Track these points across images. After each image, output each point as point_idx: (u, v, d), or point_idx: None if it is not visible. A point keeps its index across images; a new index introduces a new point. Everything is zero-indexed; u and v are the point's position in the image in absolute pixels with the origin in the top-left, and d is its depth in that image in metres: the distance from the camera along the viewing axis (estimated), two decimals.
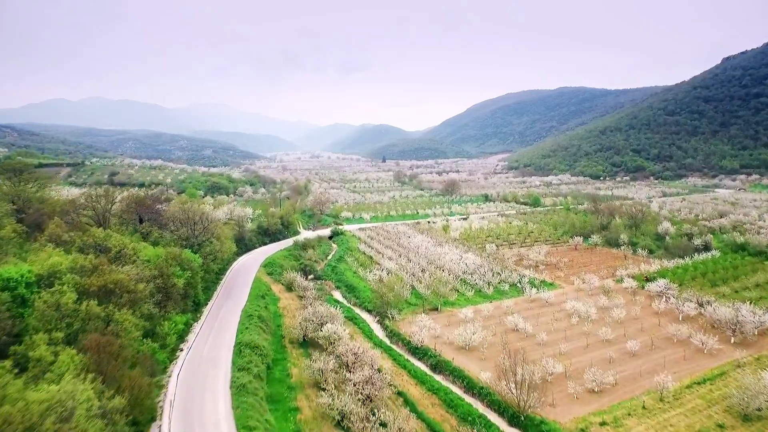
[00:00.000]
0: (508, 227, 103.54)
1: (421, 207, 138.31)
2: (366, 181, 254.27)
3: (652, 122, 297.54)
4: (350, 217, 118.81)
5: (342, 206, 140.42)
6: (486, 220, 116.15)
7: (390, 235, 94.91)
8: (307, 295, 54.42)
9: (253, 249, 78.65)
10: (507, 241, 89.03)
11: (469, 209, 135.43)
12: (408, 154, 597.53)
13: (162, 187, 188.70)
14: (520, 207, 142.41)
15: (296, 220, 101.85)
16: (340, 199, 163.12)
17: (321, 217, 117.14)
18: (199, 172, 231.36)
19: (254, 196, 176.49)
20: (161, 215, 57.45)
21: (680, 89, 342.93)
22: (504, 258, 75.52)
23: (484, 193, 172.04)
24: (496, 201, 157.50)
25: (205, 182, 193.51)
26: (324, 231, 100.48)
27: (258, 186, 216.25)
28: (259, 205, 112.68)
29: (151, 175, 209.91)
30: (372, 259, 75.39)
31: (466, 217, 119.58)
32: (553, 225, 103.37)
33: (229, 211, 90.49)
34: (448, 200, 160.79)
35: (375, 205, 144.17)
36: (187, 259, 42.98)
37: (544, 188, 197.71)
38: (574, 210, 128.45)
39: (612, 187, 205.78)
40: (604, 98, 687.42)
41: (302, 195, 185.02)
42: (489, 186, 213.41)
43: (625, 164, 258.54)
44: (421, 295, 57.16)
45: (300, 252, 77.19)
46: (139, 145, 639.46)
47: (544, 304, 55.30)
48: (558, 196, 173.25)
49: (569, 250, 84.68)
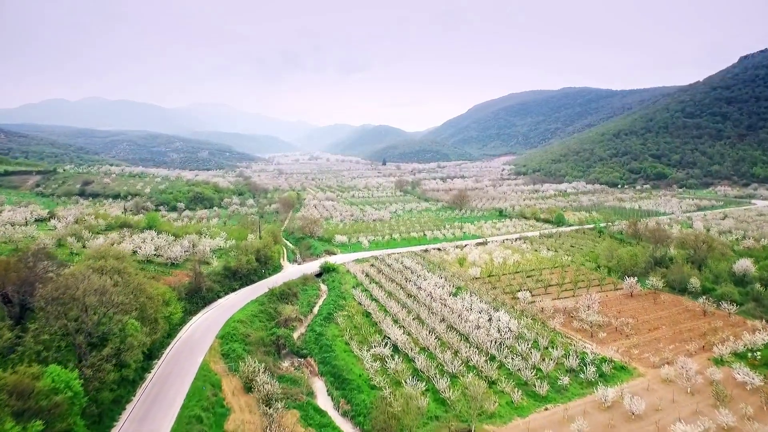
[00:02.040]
0: (538, 259, 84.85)
1: (428, 226, 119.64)
2: (365, 189, 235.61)
3: (671, 125, 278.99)
4: (345, 243, 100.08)
5: (337, 226, 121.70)
6: (507, 245, 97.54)
7: (394, 272, 76.20)
8: (272, 404, 35.73)
9: (214, 301, 59.82)
10: (542, 283, 70.36)
11: (484, 229, 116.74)
12: (409, 156, 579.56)
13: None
14: (542, 225, 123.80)
15: (279, 251, 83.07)
16: (335, 214, 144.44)
17: (310, 243, 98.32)
18: (183, 179, 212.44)
19: (240, 210, 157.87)
20: (36, 292, 35.46)
21: (696, 90, 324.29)
22: (546, 315, 56.88)
23: (498, 207, 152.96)
24: (513, 217, 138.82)
25: (188, 193, 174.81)
26: (313, 264, 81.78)
27: (247, 196, 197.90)
28: (235, 232, 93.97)
29: (128, 184, 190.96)
30: (371, 318, 56.67)
31: (483, 241, 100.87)
32: (593, 257, 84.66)
33: (190, 245, 71.64)
34: (459, 217, 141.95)
35: (375, 223, 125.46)
36: (44, 391, 24.35)
37: (561, 199, 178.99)
38: (608, 232, 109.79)
39: (635, 198, 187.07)
40: (610, 99, 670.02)
41: (294, 207, 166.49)
42: (500, 196, 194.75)
43: (644, 171, 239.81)
44: (444, 400, 38.49)
45: (275, 306, 58.44)
46: (134, 146, 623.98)
47: (629, 417, 36.63)
48: (579, 209, 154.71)
49: (624, 297, 65.97)
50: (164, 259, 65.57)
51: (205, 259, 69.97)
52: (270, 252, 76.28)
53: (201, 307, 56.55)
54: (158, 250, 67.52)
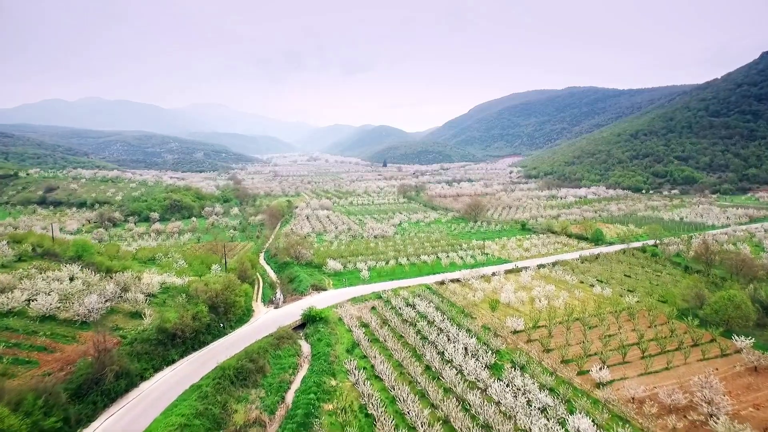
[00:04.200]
0: (592, 299, 64.19)
1: (441, 246, 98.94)
2: (365, 194, 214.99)
3: (694, 124, 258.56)
4: (340, 270, 79.41)
5: (330, 245, 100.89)
6: (543, 274, 76.94)
7: (404, 323, 55.50)
8: None
9: (131, 390, 39.02)
10: (615, 344, 49.63)
11: (509, 249, 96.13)
12: (410, 158, 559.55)
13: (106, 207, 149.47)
14: (577, 244, 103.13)
15: (248, 292, 62.13)
16: (330, 228, 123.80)
17: (296, 273, 77.51)
18: (163, 184, 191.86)
19: (220, 221, 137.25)
20: None
21: (718, 87, 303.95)
22: (647, 414, 36.20)
23: (521, 220, 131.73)
24: (538, 232, 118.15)
25: (163, 201, 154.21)
26: (296, 307, 61.15)
27: (233, 203, 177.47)
28: (197, 258, 73.29)
29: (99, 190, 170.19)
30: (372, 419, 35.94)
31: (513, 268, 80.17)
32: (668, 296, 63.94)
33: (117, 289, 50.75)
34: (475, 231, 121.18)
35: (376, 242, 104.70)
36: None
37: (586, 208, 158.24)
38: (664, 254, 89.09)
39: (669, 205, 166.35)
40: (617, 98, 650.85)
41: (284, 218, 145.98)
42: (515, 204, 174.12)
43: (670, 174, 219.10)
44: None
45: (226, 399, 37.66)
46: (127, 147, 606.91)
47: None
48: (612, 221, 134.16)
49: (747, 373, 45.16)
50: (72, 313, 44.95)
51: (138, 309, 49.29)
52: (235, 295, 55.56)
53: (102, 407, 35.69)
54: (65, 300, 46.82)
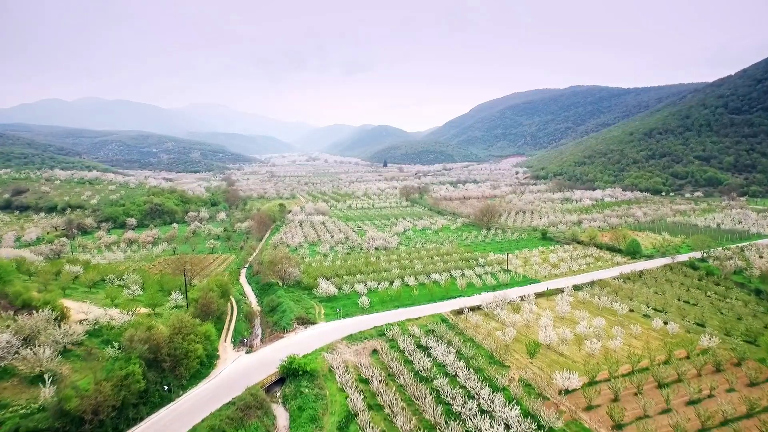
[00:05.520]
0: (657, 337, 49.88)
1: (454, 261, 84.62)
2: (365, 196, 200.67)
3: (713, 122, 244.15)
4: (334, 294, 65.12)
5: (323, 261, 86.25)
6: (583, 300, 62.70)
7: (417, 383, 41.15)
8: None
9: None
10: (708, 414, 35.36)
11: (533, 264, 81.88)
12: (411, 158, 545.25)
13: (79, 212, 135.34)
14: (610, 256, 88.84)
15: (210, 332, 47.56)
16: (325, 237, 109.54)
17: (279, 299, 63.11)
18: (146, 186, 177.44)
19: (202, 229, 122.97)
20: None
21: (737, 83, 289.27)
22: None
23: (540, 228, 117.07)
24: (562, 241, 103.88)
25: (143, 205, 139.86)
26: (272, 352, 46.88)
27: (221, 207, 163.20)
28: (153, 284, 59.01)
29: (73, 193, 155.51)
30: None
31: (544, 291, 65.90)
32: (759, 337, 49.65)
33: (18, 342, 36.31)
34: (491, 242, 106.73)
35: (378, 255, 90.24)
36: None
37: (609, 212, 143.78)
38: (721, 272, 74.85)
39: (698, 210, 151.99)
40: (623, 97, 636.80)
41: (275, 224, 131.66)
42: (528, 207, 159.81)
43: (691, 175, 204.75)
44: None
45: None
46: (123, 147, 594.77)
47: None
48: (642, 228, 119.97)
49: None
50: None
51: (45, 369, 34.99)
52: (190, 341, 41.28)
53: None
54: None
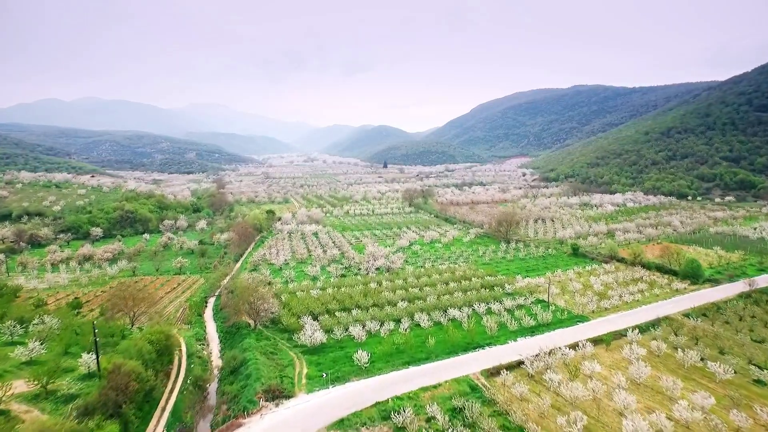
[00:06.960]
0: None
1: (475, 288, 67.84)
2: (364, 200, 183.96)
3: (738, 120, 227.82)
4: (322, 342, 48.39)
5: (310, 287, 68.78)
6: (656, 352, 46.10)
7: None
8: None
9: None
10: None
11: (573, 292, 65.30)
12: (412, 158, 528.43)
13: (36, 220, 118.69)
14: (660, 278, 72.25)
15: (130, 424, 30.86)
16: (316, 252, 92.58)
17: (243, 356, 46.35)
18: (121, 191, 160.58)
19: (174, 242, 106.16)
20: None
21: (758, 80, 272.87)
22: None
23: (569, 242, 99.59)
24: (597, 259, 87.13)
25: (113, 212, 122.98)
26: None
27: (204, 213, 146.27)
28: (64, 336, 42.46)
29: (36, 198, 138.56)
30: None
31: (602, 336, 49.28)
32: None
33: None
34: (513, 259, 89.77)
35: (380, 280, 73.30)
36: None
37: (641, 220, 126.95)
38: None
39: (737, 217, 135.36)
40: (628, 96, 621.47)
41: (261, 235, 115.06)
42: (544, 213, 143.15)
43: (720, 178, 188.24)
44: None
45: None
46: (117, 147, 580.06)
47: None
48: (685, 241, 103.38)
49: None
50: None
51: None
52: None
53: None
54: None
